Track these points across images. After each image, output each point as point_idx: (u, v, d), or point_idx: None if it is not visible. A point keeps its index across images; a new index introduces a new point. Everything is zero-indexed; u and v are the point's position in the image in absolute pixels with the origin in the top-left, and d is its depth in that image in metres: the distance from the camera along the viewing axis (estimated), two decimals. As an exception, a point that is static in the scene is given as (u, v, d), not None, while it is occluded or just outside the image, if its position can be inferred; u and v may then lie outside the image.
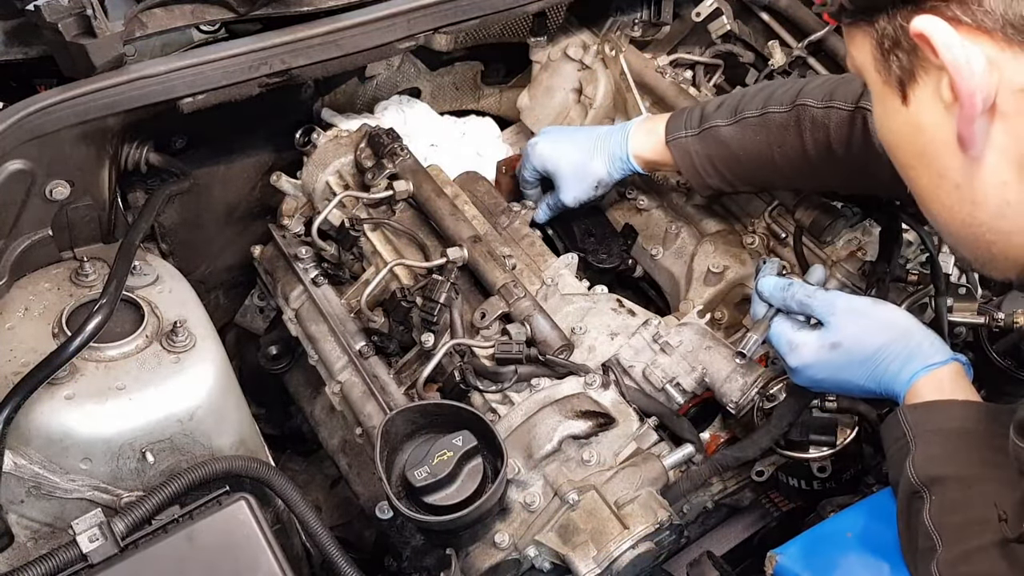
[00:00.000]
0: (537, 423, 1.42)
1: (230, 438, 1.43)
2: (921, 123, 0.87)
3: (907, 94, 0.86)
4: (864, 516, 1.25)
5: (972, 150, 0.83)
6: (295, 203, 1.86)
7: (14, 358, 1.34)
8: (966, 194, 0.87)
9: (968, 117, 0.80)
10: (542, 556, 1.38)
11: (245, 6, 1.50)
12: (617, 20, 2.10)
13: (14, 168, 1.35)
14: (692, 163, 1.68)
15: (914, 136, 0.89)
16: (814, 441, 1.42)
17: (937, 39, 0.78)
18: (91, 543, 1.14)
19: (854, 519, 1.26)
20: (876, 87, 0.91)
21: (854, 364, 1.30)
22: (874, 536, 1.22)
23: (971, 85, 0.78)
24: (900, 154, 0.94)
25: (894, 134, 0.92)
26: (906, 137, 0.90)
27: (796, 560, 1.22)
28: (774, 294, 1.41)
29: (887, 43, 0.85)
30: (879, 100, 0.92)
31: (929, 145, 0.87)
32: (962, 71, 0.78)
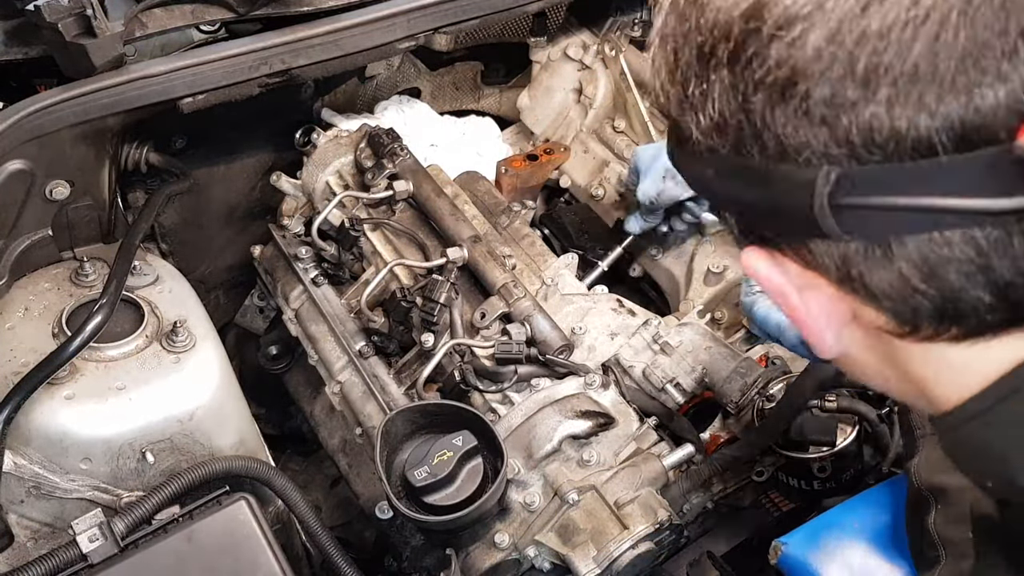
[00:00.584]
0: (537, 423, 1.42)
1: (230, 438, 1.43)
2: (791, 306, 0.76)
3: None
4: (869, 506, 1.25)
5: (847, 350, 0.74)
6: (295, 203, 1.86)
7: (14, 358, 1.34)
8: (850, 371, 0.79)
9: (820, 351, 0.72)
10: (542, 556, 1.37)
11: (245, 6, 1.50)
12: (617, 20, 2.10)
13: (14, 168, 1.35)
14: None
15: (789, 311, 0.78)
16: (814, 441, 1.42)
17: (767, 287, 0.70)
18: (91, 543, 1.14)
19: (859, 509, 1.25)
20: None
21: None
22: (878, 526, 1.22)
23: (814, 328, 0.70)
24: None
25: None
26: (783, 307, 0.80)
27: (801, 549, 1.22)
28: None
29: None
30: None
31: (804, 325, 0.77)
32: (798, 317, 0.70)
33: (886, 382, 0.76)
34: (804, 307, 0.69)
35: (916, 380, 0.71)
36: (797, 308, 0.69)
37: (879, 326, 0.68)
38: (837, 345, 0.72)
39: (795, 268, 0.68)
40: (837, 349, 0.73)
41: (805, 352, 1.33)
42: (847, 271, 0.65)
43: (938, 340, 0.66)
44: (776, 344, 1.41)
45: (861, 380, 0.80)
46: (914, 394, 0.74)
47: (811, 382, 1.42)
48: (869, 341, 0.71)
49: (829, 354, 0.73)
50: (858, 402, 1.43)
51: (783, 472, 1.49)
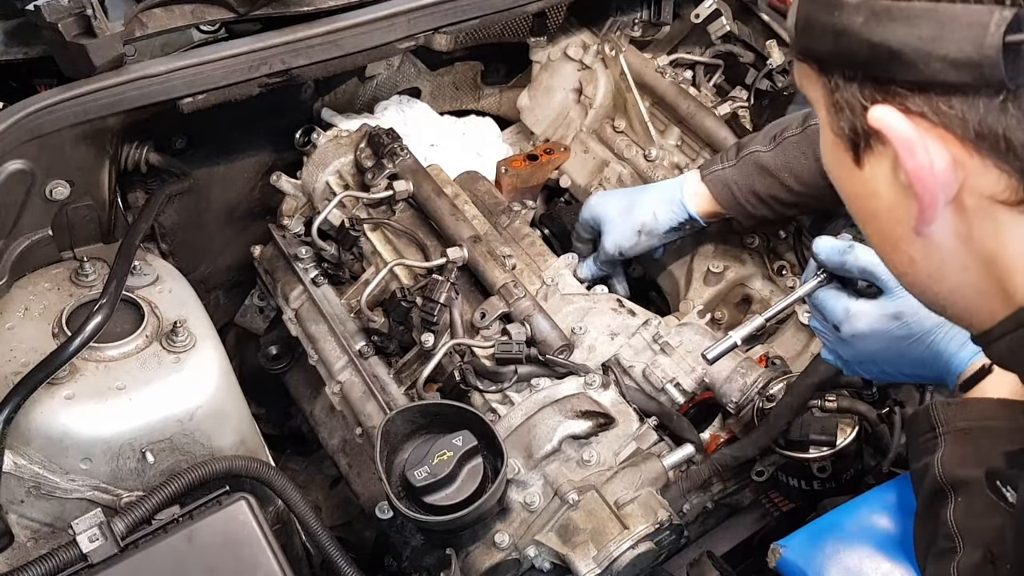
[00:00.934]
0: (537, 423, 1.42)
1: (230, 438, 1.43)
2: (876, 192, 0.77)
3: (861, 158, 0.76)
4: (867, 509, 1.25)
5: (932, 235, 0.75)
6: (295, 203, 1.86)
7: (14, 358, 1.34)
8: (922, 268, 0.79)
9: (927, 219, 0.72)
10: (542, 556, 1.37)
11: (245, 6, 1.50)
12: (617, 20, 2.10)
13: (14, 168, 1.35)
14: (732, 195, 1.63)
15: (867, 199, 0.79)
16: (814, 441, 1.42)
17: (897, 140, 0.69)
18: (91, 543, 1.14)
19: (857, 511, 1.25)
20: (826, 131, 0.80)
21: (912, 338, 1.22)
22: (877, 529, 1.22)
23: (932, 192, 0.70)
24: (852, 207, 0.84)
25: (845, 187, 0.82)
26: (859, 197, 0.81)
27: (799, 552, 1.22)
28: (831, 256, 1.26)
29: (839, 102, 0.74)
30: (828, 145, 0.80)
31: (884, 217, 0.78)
32: (923, 177, 0.69)
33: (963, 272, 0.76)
34: (930, 163, 0.68)
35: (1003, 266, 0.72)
36: (923, 166, 0.69)
37: (992, 194, 0.69)
38: (933, 225, 0.72)
39: (924, 124, 0.68)
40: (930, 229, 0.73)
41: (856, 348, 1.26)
42: (990, 125, 0.65)
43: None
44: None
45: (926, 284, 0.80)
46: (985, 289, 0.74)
47: (811, 382, 1.42)
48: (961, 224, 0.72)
49: (928, 225, 0.73)
50: (858, 402, 1.43)
51: (783, 472, 1.49)
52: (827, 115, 0.77)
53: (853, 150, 0.76)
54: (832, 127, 0.77)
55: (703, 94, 2.03)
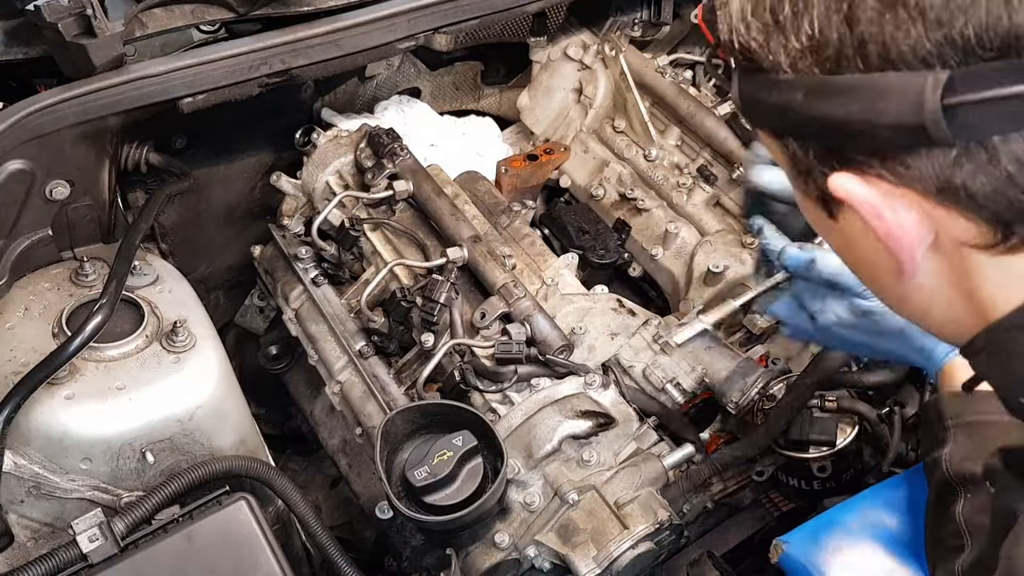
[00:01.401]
0: (537, 423, 1.42)
1: (230, 438, 1.43)
2: (854, 243, 0.77)
3: (834, 214, 0.75)
4: (870, 505, 1.25)
5: (917, 279, 0.75)
6: (295, 203, 1.86)
7: (14, 358, 1.34)
8: (907, 308, 0.80)
9: (907, 271, 0.72)
10: (542, 556, 1.37)
11: (245, 6, 1.50)
12: (617, 20, 2.10)
13: (14, 168, 1.35)
14: None
15: (849, 249, 0.80)
16: (814, 441, 1.42)
17: (863, 209, 0.69)
18: (91, 543, 1.14)
19: (860, 508, 1.25)
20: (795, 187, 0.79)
21: (886, 334, 1.23)
22: (879, 525, 1.22)
23: (908, 245, 0.70)
24: (839, 255, 0.84)
25: (827, 238, 0.82)
26: (839, 246, 0.81)
27: (802, 548, 1.22)
28: (798, 268, 1.27)
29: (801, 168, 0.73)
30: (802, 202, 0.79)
31: (866, 264, 0.79)
32: (895, 235, 0.69)
33: (948, 308, 0.76)
34: (899, 222, 0.69)
35: (980, 297, 0.72)
36: (892, 227, 0.69)
37: (965, 240, 0.69)
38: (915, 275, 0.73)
39: (885, 187, 0.68)
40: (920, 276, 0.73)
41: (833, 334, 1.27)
42: (947, 179, 0.65)
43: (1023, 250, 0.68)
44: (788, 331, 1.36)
45: (917, 317, 0.81)
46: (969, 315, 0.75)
47: (811, 382, 1.42)
48: (942, 265, 0.72)
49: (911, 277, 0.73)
50: (858, 402, 1.43)
51: (783, 472, 1.49)
52: (792, 177, 0.77)
53: (825, 208, 0.75)
54: (799, 188, 0.77)
55: (703, 94, 2.03)
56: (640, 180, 1.99)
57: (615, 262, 1.87)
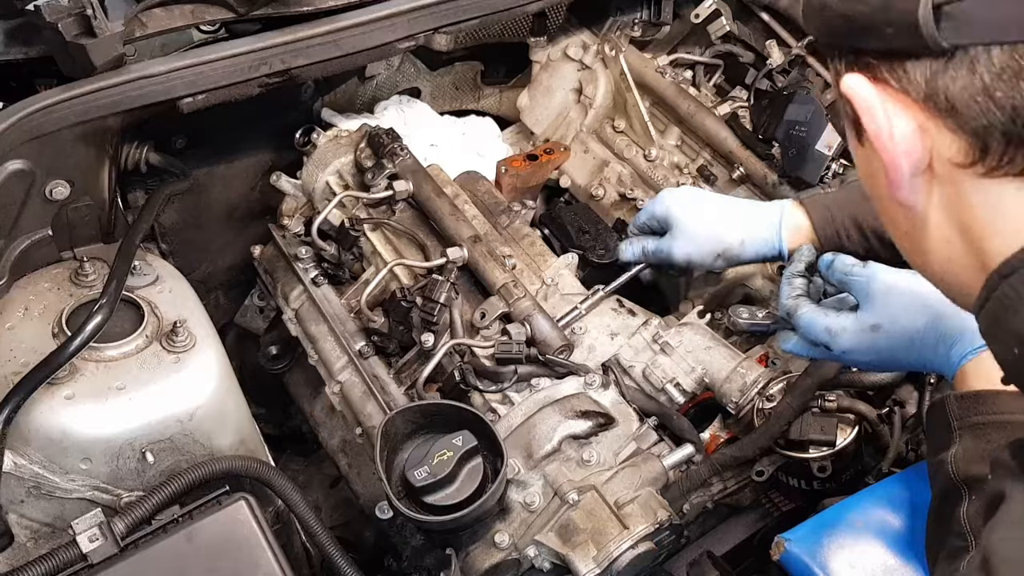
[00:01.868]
0: (537, 423, 1.42)
1: (230, 438, 1.43)
2: (872, 169, 0.82)
3: (860, 136, 0.81)
4: (872, 503, 1.25)
5: (913, 207, 0.79)
6: (295, 203, 1.86)
7: (14, 358, 1.34)
8: (915, 244, 0.84)
9: (895, 182, 0.77)
10: (542, 556, 1.37)
11: (245, 6, 1.50)
12: (617, 20, 2.10)
13: (14, 168, 1.35)
14: (831, 221, 1.49)
15: (868, 178, 0.85)
16: (814, 441, 1.42)
17: (858, 103, 0.75)
18: (91, 543, 1.14)
19: (862, 505, 1.25)
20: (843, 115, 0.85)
21: (896, 347, 1.25)
22: (882, 523, 1.21)
23: (893, 153, 0.75)
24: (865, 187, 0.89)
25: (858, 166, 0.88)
26: (864, 175, 0.87)
27: (804, 545, 1.21)
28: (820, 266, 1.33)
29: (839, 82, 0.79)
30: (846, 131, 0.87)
31: (880, 192, 0.83)
32: (881, 138, 0.75)
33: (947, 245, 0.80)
34: (889, 127, 0.74)
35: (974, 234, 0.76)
36: (881, 128, 0.74)
37: (950, 157, 0.73)
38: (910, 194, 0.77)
39: (888, 90, 0.74)
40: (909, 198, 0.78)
41: (852, 360, 1.31)
42: (934, 86, 0.71)
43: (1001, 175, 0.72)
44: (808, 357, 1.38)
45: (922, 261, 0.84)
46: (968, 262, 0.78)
47: (811, 382, 1.42)
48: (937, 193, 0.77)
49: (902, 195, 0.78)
50: (858, 402, 1.43)
51: (783, 472, 1.49)
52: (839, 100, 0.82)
53: (855, 127, 0.81)
54: (842, 110, 0.82)
55: (703, 94, 2.03)
56: (640, 180, 1.99)
57: (615, 262, 1.87)
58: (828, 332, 1.29)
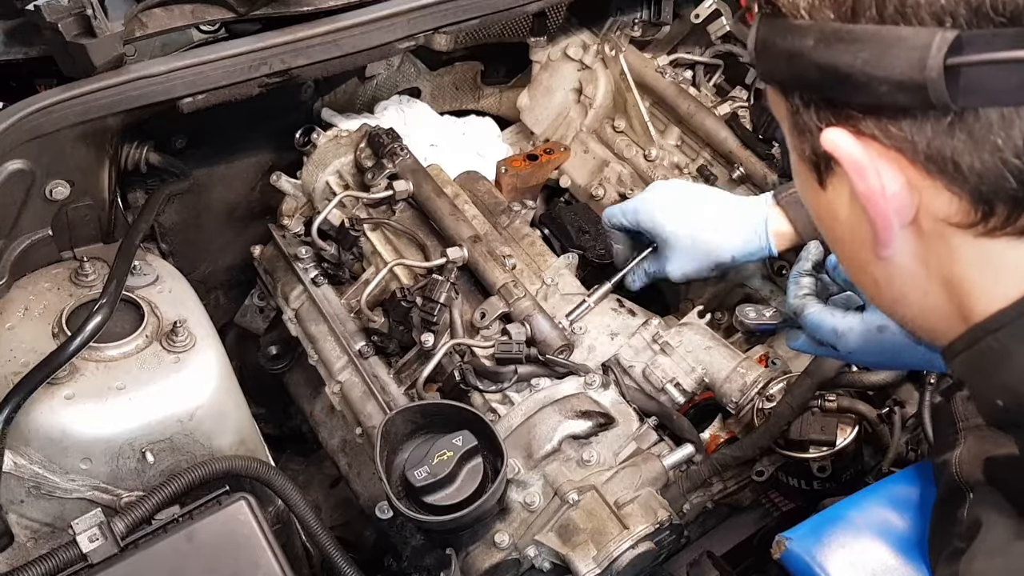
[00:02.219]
0: (537, 423, 1.42)
1: (230, 438, 1.43)
2: (838, 215, 0.78)
3: (823, 181, 0.77)
4: (873, 502, 1.25)
5: (890, 259, 0.76)
6: (295, 203, 1.86)
7: (14, 358, 1.34)
8: (886, 292, 0.81)
9: (882, 241, 0.73)
10: (542, 556, 1.37)
11: (245, 6, 1.50)
12: (617, 20, 2.10)
13: (14, 168, 1.35)
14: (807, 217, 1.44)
15: (831, 222, 0.80)
16: (814, 441, 1.42)
17: (847, 163, 0.70)
18: (91, 543, 1.14)
19: (863, 504, 1.25)
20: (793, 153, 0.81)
21: (902, 347, 1.23)
22: (883, 522, 1.21)
23: (885, 212, 0.70)
24: (822, 229, 0.85)
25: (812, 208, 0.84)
26: (823, 219, 0.82)
27: (805, 543, 1.21)
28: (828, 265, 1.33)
29: (799, 124, 0.75)
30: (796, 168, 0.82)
31: (848, 239, 0.80)
32: (874, 200, 0.70)
33: (924, 297, 0.76)
34: (881, 187, 0.69)
35: (958, 288, 0.73)
36: (874, 189, 0.69)
37: (945, 216, 0.69)
38: (891, 248, 0.73)
39: (876, 147, 0.69)
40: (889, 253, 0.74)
41: (858, 359, 1.30)
42: (938, 147, 0.66)
43: (1001, 234, 0.68)
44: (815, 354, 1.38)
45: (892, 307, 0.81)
46: (947, 312, 0.75)
47: (811, 382, 1.42)
48: (920, 247, 0.73)
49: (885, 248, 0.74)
50: (858, 402, 1.43)
51: (783, 472, 1.49)
52: (791, 137, 0.78)
53: (816, 172, 0.77)
54: (796, 149, 0.78)
55: (703, 94, 2.03)
56: (640, 180, 1.98)
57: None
58: (835, 333, 1.28)
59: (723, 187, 1.89)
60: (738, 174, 1.86)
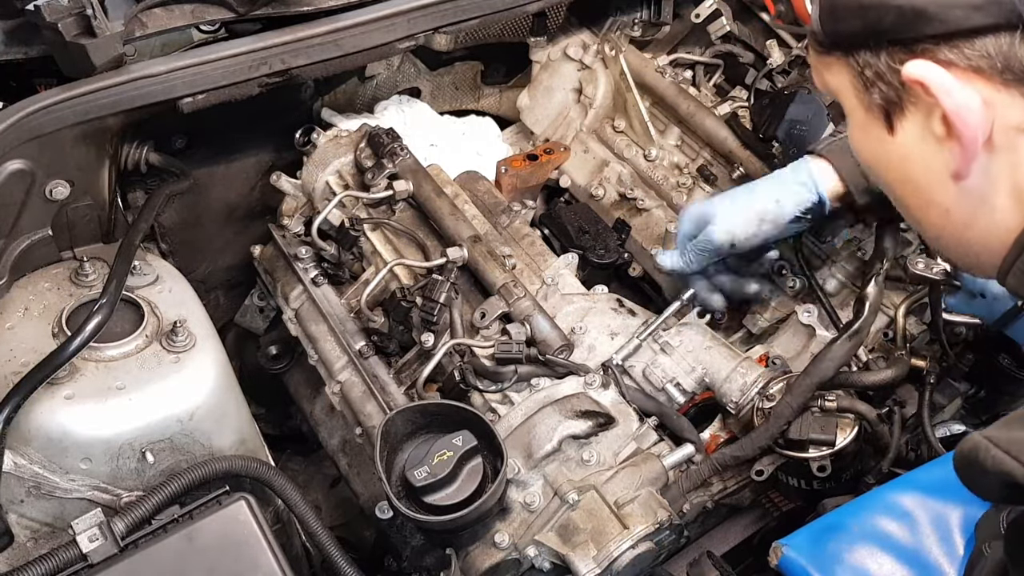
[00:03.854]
0: (537, 423, 1.42)
1: (230, 438, 1.44)
2: (910, 154, 0.86)
3: (893, 124, 0.85)
4: (870, 508, 1.25)
5: (967, 181, 0.83)
6: (295, 203, 1.86)
7: (14, 358, 1.34)
8: (957, 218, 0.87)
9: (969, 157, 0.80)
10: (542, 556, 1.37)
11: (245, 6, 1.50)
12: (617, 20, 2.10)
13: (14, 168, 1.35)
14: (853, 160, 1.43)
15: (902, 164, 0.88)
16: (814, 441, 1.42)
17: (936, 86, 0.78)
18: (91, 543, 1.15)
19: (860, 511, 1.25)
20: (856, 113, 0.89)
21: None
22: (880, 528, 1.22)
23: (973, 128, 0.78)
24: (886, 177, 0.93)
25: (879, 159, 0.91)
26: (893, 164, 0.90)
27: (802, 551, 1.22)
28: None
29: (869, 75, 0.83)
30: (859, 126, 0.90)
31: (919, 174, 0.87)
32: (963, 116, 0.78)
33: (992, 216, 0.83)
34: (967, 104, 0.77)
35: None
36: (960, 104, 0.77)
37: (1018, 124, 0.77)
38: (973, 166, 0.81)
39: (955, 70, 0.77)
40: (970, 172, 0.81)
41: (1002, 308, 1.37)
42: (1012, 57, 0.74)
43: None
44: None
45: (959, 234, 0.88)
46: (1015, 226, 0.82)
47: (811, 382, 1.42)
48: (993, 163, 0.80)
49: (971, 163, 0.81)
50: (858, 402, 1.43)
51: (783, 472, 1.49)
52: (856, 96, 0.86)
53: (886, 119, 0.84)
54: (863, 105, 0.86)
55: (703, 94, 2.03)
56: (640, 180, 1.99)
57: (615, 262, 1.87)
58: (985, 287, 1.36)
59: (723, 187, 1.90)
60: (738, 174, 1.86)
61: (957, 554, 1.18)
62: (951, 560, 1.18)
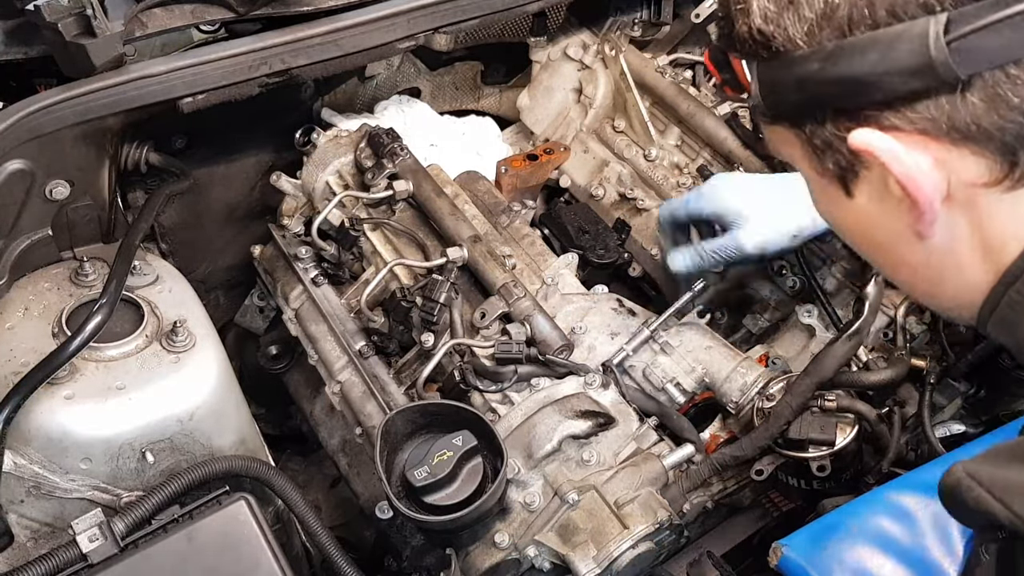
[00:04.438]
0: (537, 423, 1.42)
1: (230, 438, 1.44)
2: (871, 216, 0.84)
3: (850, 189, 0.83)
4: (870, 509, 1.25)
5: (932, 240, 0.81)
6: (295, 203, 1.86)
7: (14, 358, 1.34)
8: (925, 275, 0.86)
9: (929, 218, 0.78)
10: (542, 556, 1.37)
11: (245, 6, 1.50)
12: (617, 20, 2.10)
13: (14, 168, 1.35)
14: None
15: (865, 228, 0.87)
16: (814, 441, 1.42)
17: (882, 152, 0.76)
18: (91, 543, 1.15)
19: (860, 511, 1.25)
20: (813, 179, 0.87)
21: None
22: (880, 529, 1.22)
23: (927, 191, 0.76)
24: (853, 239, 0.91)
25: (843, 222, 0.90)
26: (857, 227, 0.88)
27: (801, 551, 1.22)
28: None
29: (818, 143, 0.81)
30: (818, 191, 0.89)
31: (883, 235, 0.85)
32: (915, 178, 0.76)
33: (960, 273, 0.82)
34: (917, 168, 0.76)
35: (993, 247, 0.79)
36: (911, 169, 0.76)
37: (975, 180, 0.76)
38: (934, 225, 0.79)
39: (900, 135, 0.76)
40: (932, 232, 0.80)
41: None
42: (956, 117, 0.73)
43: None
44: None
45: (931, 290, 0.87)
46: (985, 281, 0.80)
47: (811, 381, 1.42)
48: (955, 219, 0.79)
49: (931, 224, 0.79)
50: (858, 402, 1.43)
51: (783, 472, 1.49)
52: (810, 163, 0.84)
53: (842, 184, 0.83)
54: (818, 171, 0.84)
55: (703, 94, 2.03)
56: (640, 180, 1.99)
57: (615, 262, 1.87)
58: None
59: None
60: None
61: (956, 554, 1.18)
62: (951, 560, 1.18)
